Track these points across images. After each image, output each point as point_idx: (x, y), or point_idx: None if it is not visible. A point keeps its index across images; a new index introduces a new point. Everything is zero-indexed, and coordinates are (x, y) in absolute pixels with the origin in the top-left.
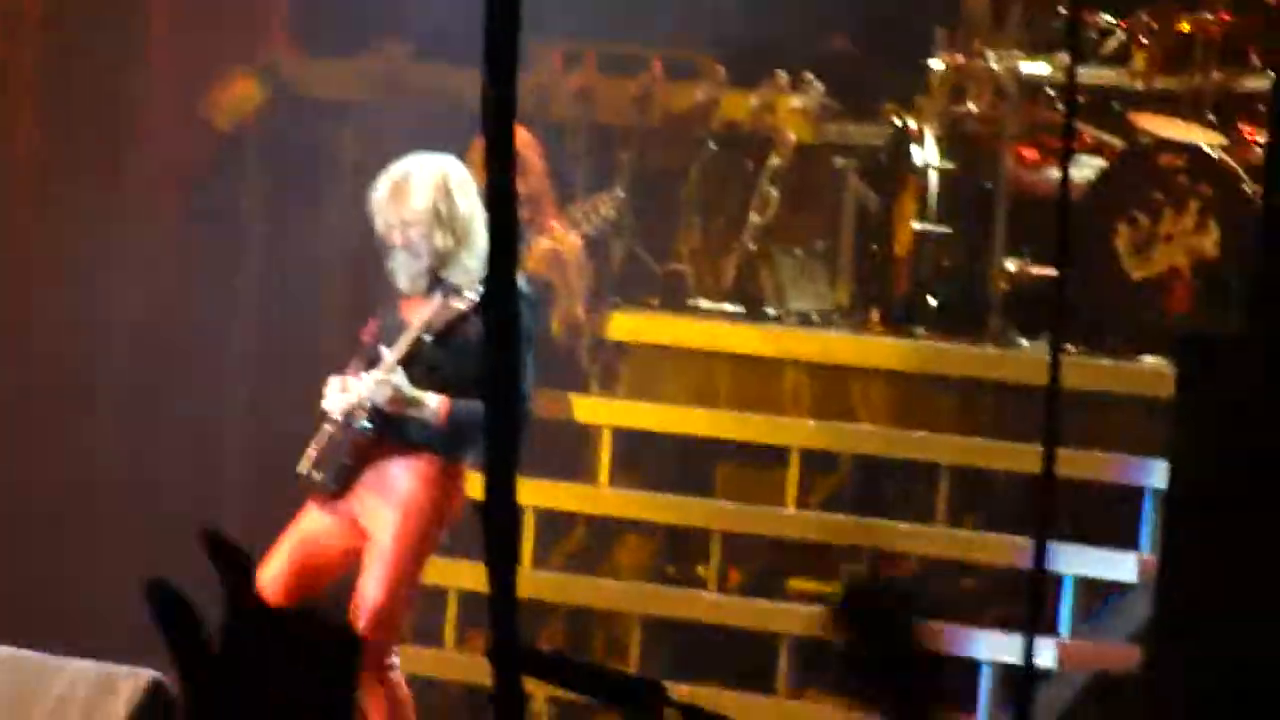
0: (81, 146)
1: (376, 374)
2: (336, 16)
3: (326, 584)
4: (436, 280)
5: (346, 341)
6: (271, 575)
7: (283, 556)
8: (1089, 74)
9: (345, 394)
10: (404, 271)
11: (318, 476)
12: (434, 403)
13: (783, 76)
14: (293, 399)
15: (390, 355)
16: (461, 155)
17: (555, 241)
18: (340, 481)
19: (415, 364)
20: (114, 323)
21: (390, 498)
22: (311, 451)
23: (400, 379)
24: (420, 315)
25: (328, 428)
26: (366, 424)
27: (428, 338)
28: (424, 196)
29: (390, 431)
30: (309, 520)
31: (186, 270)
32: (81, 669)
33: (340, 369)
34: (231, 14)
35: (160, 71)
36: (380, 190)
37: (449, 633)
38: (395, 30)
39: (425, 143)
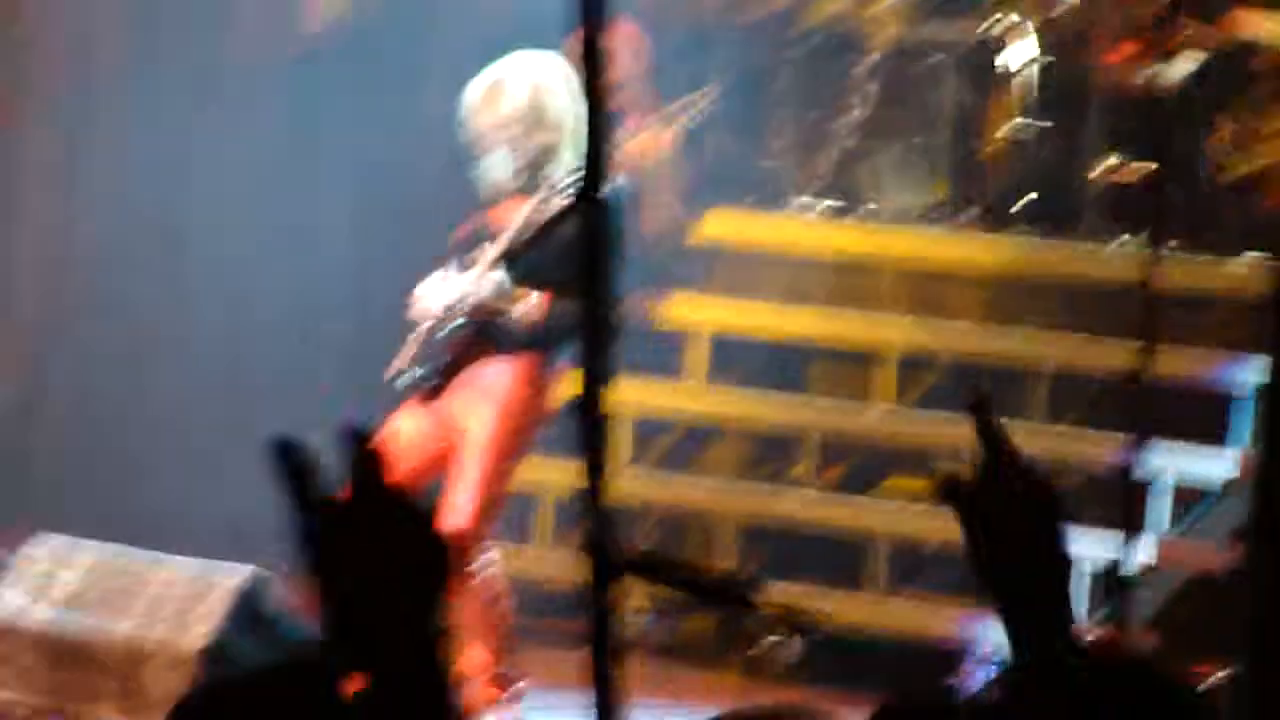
0: (175, 48)
1: (476, 270)
2: None
3: (422, 483)
4: (533, 180)
5: (440, 243)
6: None
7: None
8: None
9: (444, 290)
10: (501, 171)
11: (415, 374)
12: (531, 300)
13: None
14: (388, 300)
15: (490, 252)
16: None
17: (649, 138)
18: (437, 379)
19: (513, 262)
20: (205, 222)
21: (487, 395)
22: (409, 349)
23: (500, 275)
24: (519, 214)
25: (425, 325)
26: (464, 321)
27: (524, 237)
28: (519, 97)
29: (486, 331)
30: (405, 420)
31: (281, 170)
32: (183, 564)
33: (433, 272)
34: None
35: None
36: (474, 93)
37: (543, 531)
38: None
39: (520, 42)
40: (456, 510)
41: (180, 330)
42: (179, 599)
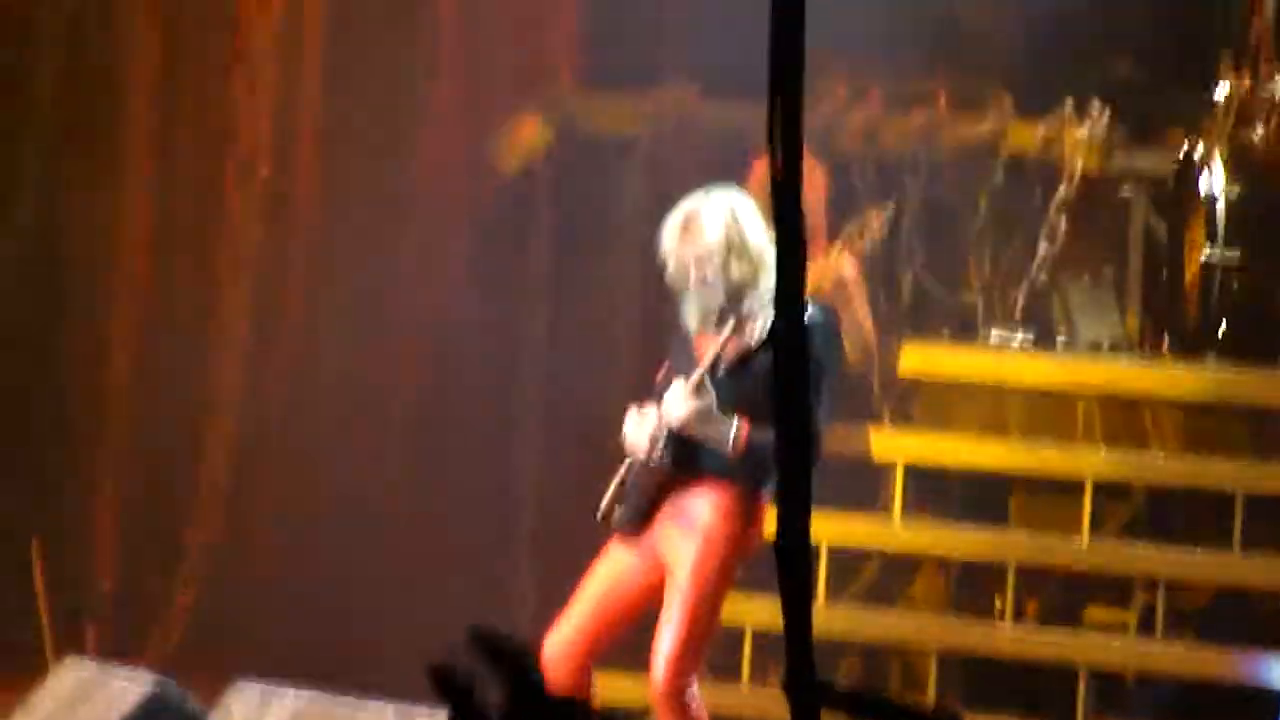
0: (370, 189)
1: (676, 394)
2: (621, 55)
3: (631, 621)
4: (729, 314)
5: (636, 387)
6: (577, 615)
7: (588, 597)
8: None
9: (645, 425)
10: (697, 308)
11: (618, 514)
12: (732, 426)
13: (1069, 105)
14: (584, 445)
15: (693, 383)
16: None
17: (831, 263)
18: (640, 517)
19: (715, 389)
20: (405, 367)
21: (689, 529)
22: (611, 489)
23: (702, 400)
24: (715, 346)
25: (626, 463)
26: (664, 456)
27: (722, 367)
28: (716, 229)
29: (688, 462)
30: (611, 559)
31: (476, 315)
32: (380, 709)
33: (634, 408)
34: (517, 55)
35: (445, 115)
36: (671, 228)
37: (745, 669)
38: (680, 67)
39: (710, 178)
40: (662, 649)
41: (370, 476)
42: None
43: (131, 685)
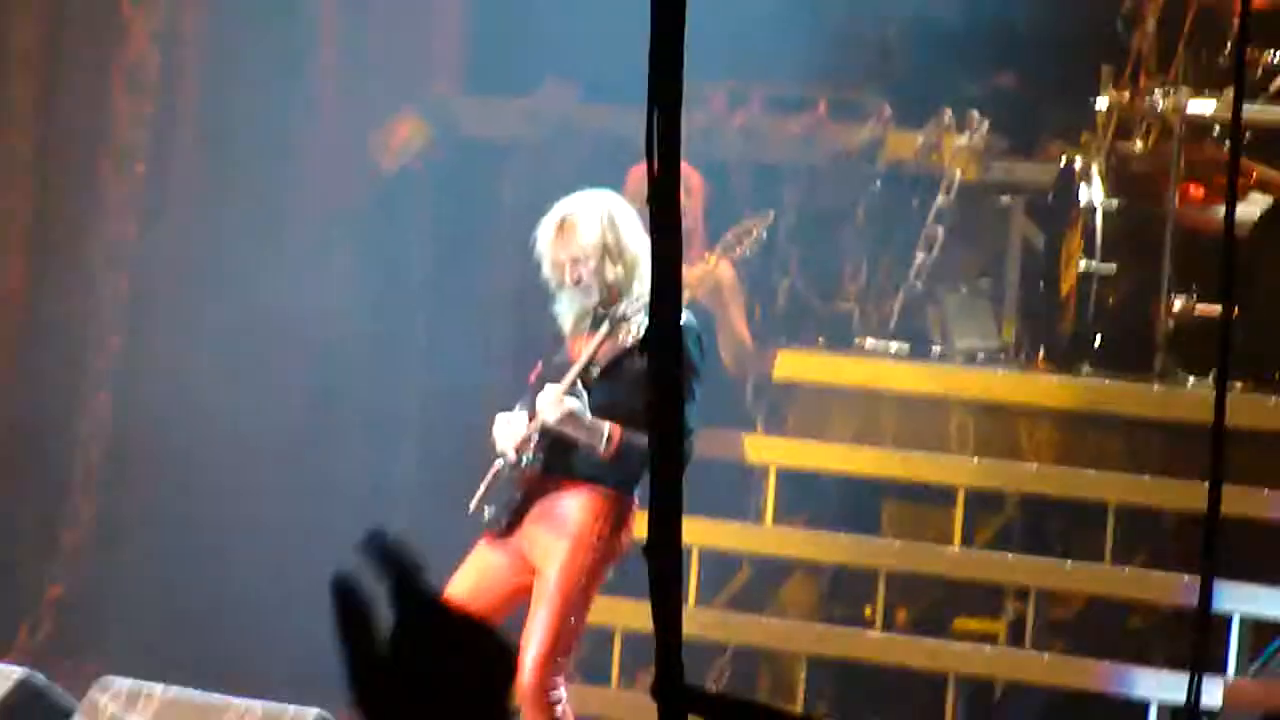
0: (250, 186)
1: (549, 395)
2: (502, 59)
3: (497, 620)
4: (602, 316)
5: (511, 384)
6: None
7: (456, 594)
8: (1255, 111)
9: (514, 427)
10: (572, 309)
11: (488, 513)
12: (605, 430)
13: (949, 114)
14: (458, 440)
15: (566, 384)
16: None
17: (708, 269)
18: (509, 517)
19: (587, 393)
20: (284, 364)
21: (559, 530)
22: (481, 489)
23: (575, 402)
24: (588, 348)
25: (497, 464)
26: (535, 457)
27: (595, 370)
28: (592, 232)
29: (559, 465)
30: (479, 558)
31: (353, 310)
32: (248, 707)
33: (506, 410)
34: (400, 56)
35: (327, 112)
36: (546, 228)
37: (614, 671)
38: (561, 72)
39: (589, 181)
40: (529, 650)
41: (246, 474)
42: None
43: (1, 678)
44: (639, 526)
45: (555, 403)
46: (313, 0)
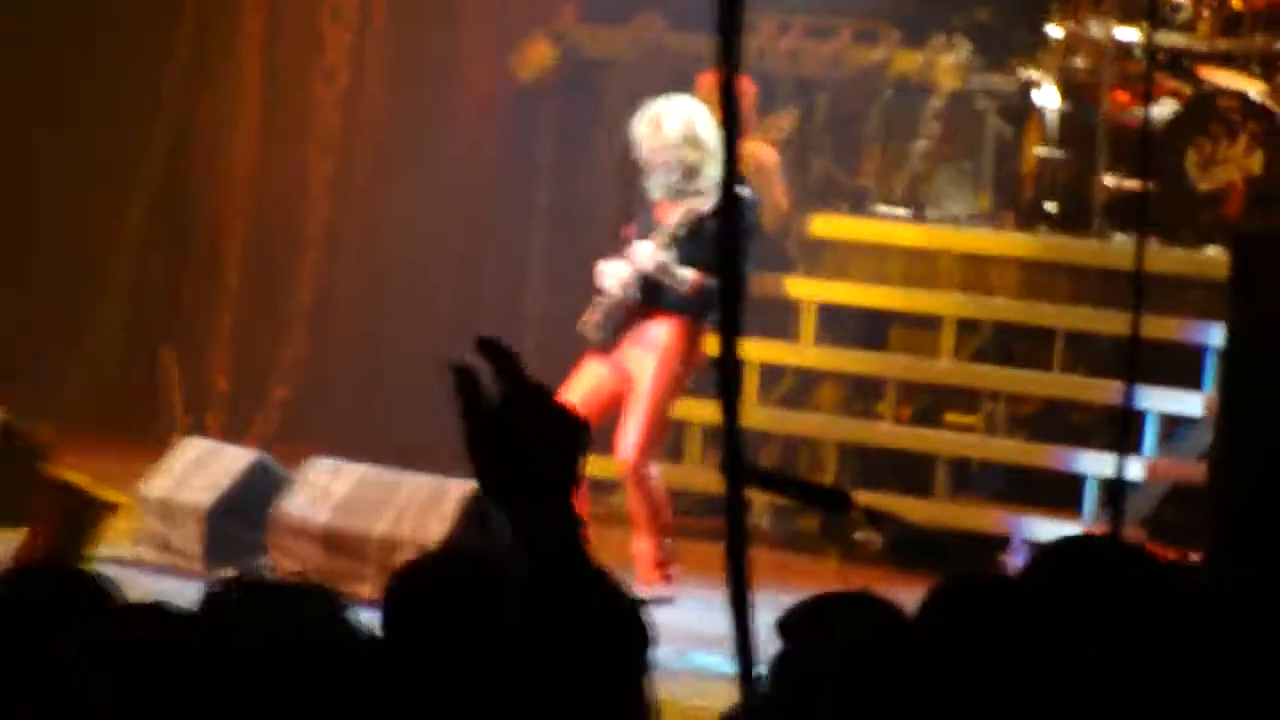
0: (421, 95)
1: (648, 249)
2: None
3: (603, 416)
4: (682, 189)
5: (615, 239)
6: None
7: (570, 395)
8: (1166, 37)
9: (618, 270)
10: (660, 184)
11: (595, 333)
12: (688, 274)
13: (940, 39)
14: (578, 278)
15: (659, 241)
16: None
17: (750, 152)
18: (612, 337)
19: (674, 248)
20: (448, 222)
21: (651, 348)
22: (591, 315)
23: (667, 255)
24: (676, 214)
25: (603, 296)
26: (635, 293)
27: (681, 231)
28: (675, 126)
29: (652, 299)
30: (588, 369)
31: (497, 180)
32: (419, 480)
33: (610, 257)
34: None
35: (477, 37)
36: (640, 124)
37: (693, 452)
38: (654, 4)
39: (673, 89)
40: (628, 438)
41: (417, 304)
42: (421, 504)
43: (239, 457)
44: (711, 345)
45: (651, 255)
46: None
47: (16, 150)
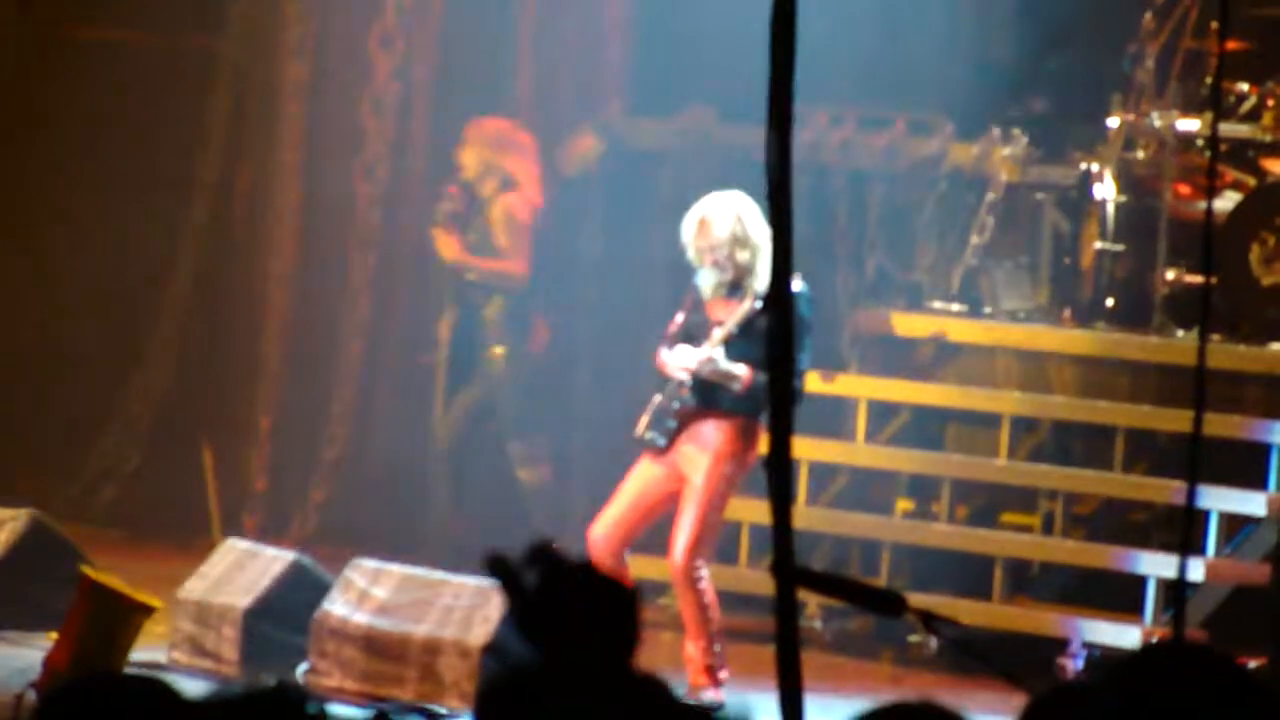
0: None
1: (701, 351)
2: (657, 86)
3: (655, 517)
4: (734, 287)
5: (661, 336)
6: (614, 511)
7: (623, 498)
8: (1229, 128)
9: (679, 361)
10: (709, 283)
11: (650, 436)
12: (739, 371)
13: (996, 131)
14: (626, 374)
15: (713, 340)
16: (754, 194)
17: (510, 205)
18: (667, 438)
19: (726, 347)
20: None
21: (705, 448)
22: (645, 418)
23: (721, 356)
24: (728, 313)
25: (657, 398)
26: (689, 395)
27: (735, 329)
28: (724, 225)
29: (706, 399)
30: (642, 469)
31: (542, 278)
32: (462, 582)
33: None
34: (578, 86)
35: (520, 122)
36: (690, 222)
37: (743, 555)
38: (703, 96)
39: (723, 184)
40: (680, 539)
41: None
42: (465, 607)
43: (278, 558)
44: (763, 445)
45: (704, 358)
46: (509, 38)
47: (46, 245)
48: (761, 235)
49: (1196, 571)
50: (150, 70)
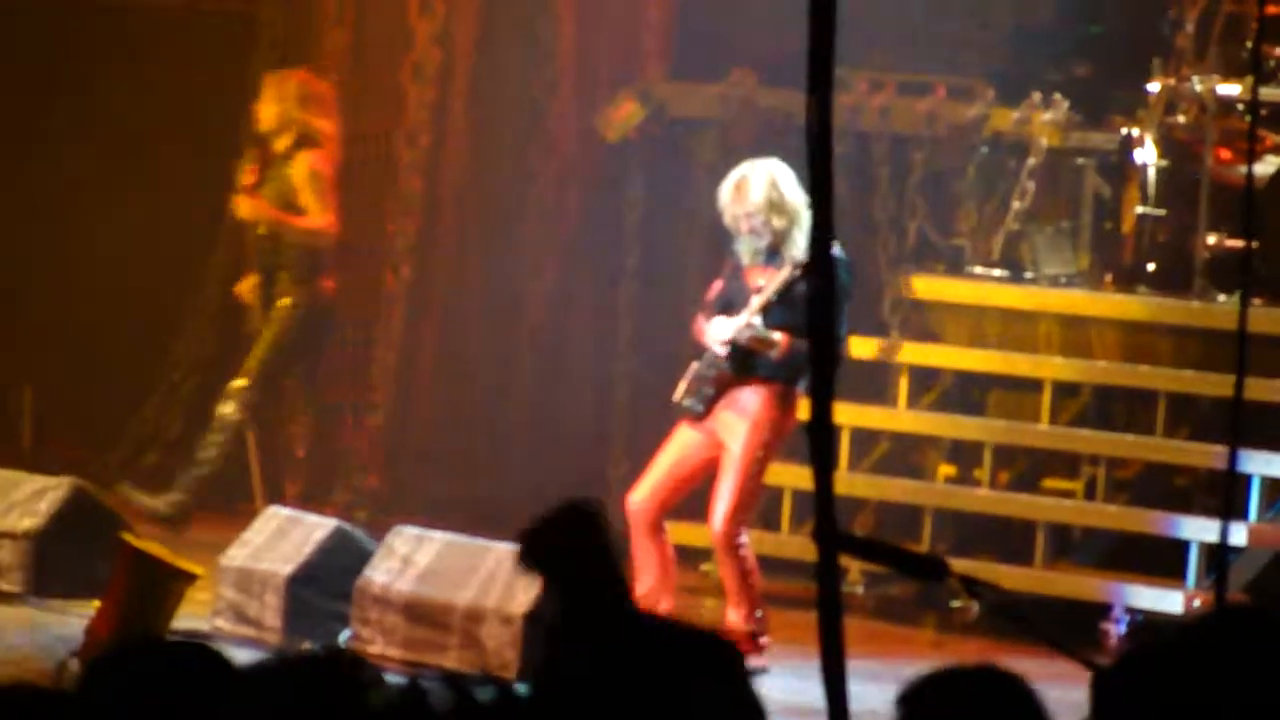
0: (506, 155)
1: (738, 320)
2: (699, 52)
3: (694, 484)
4: (772, 253)
5: (700, 302)
6: (652, 478)
7: (662, 465)
8: (1270, 92)
9: (718, 332)
10: (748, 249)
11: (688, 403)
12: (776, 338)
13: (1037, 96)
14: (666, 340)
15: (752, 308)
16: (793, 161)
17: (311, 161)
18: (705, 405)
19: (764, 314)
20: (532, 286)
21: (743, 415)
22: (683, 384)
23: (759, 323)
24: (766, 279)
25: (695, 365)
26: (726, 361)
27: (774, 296)
28: (760, 191)
29: (743, 366)
30: (681, 436)
31: (583, 248)
32: (504, 549)
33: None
34: (619, 51)
35: (564, 96)
36: (726, 188)
37: (785, 521)
38: (744, 61)
39: (763, 150)
40: (721, 504)
41: (502, 365)
42: (507, 574)
43: (320, 525)
44: (803, 410)
45: (743, 325)
46: (550, 3)
47: (85, 214)
48: (798, 201)
49: (1238, 536)
50: (191, 36)
